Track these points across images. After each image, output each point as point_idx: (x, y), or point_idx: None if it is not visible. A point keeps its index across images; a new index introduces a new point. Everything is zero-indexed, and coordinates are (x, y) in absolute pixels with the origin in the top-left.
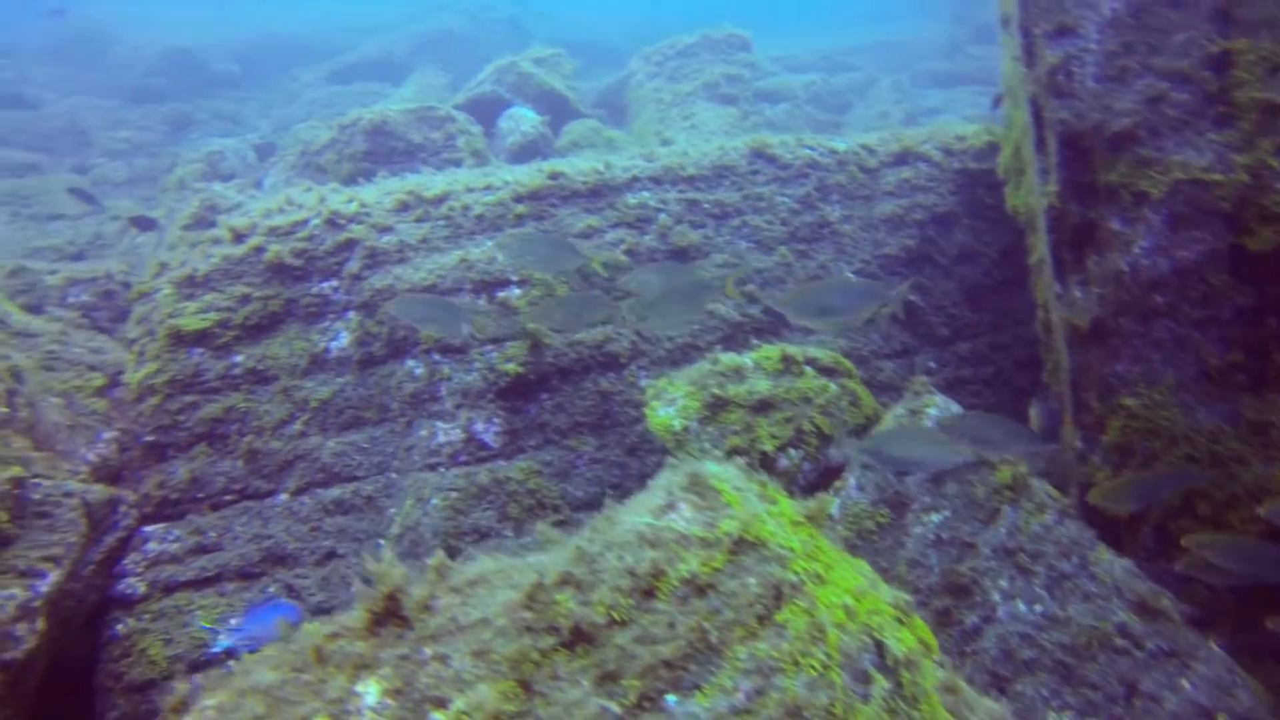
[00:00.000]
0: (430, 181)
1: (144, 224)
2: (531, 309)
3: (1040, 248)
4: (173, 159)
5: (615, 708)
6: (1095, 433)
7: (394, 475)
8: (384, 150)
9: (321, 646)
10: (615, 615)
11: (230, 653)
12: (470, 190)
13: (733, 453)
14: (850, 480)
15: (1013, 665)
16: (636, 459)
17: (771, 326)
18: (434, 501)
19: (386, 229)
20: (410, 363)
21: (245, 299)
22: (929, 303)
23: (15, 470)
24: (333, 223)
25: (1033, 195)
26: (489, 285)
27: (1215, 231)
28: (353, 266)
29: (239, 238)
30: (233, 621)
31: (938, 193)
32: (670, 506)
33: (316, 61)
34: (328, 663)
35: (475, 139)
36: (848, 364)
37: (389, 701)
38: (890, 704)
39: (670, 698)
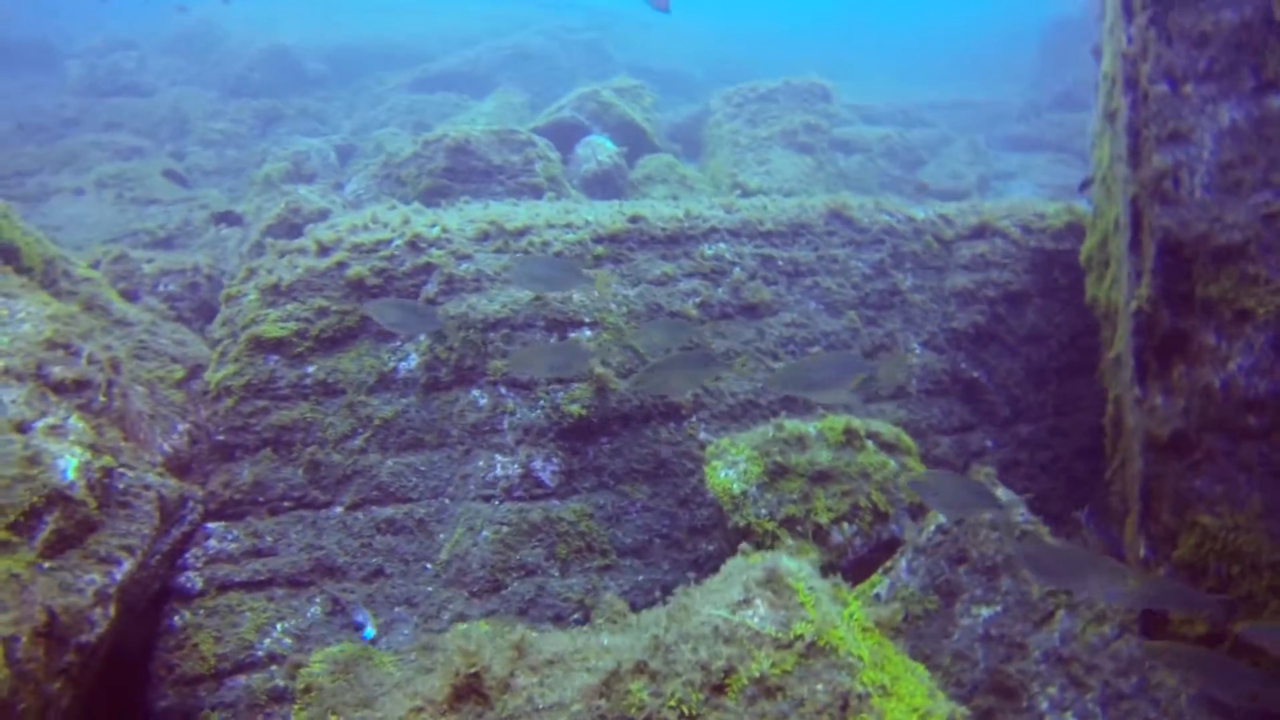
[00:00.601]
0: (513, 213)
1: (230, 219)
2: (514, 355)
3: (1119, 345)
4: (262, 155)
5: None
6: (1165, 545)
7: (447, 501)
8: (464, 169)
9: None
10: (685, 710)
11: (273, 657)
12: (551, 226)
13: (787, 521)
14: (902, 562)
15: None
16: (687, 510)
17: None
18: (485, 534)
19: (466, 256)
20: (475, 392)
21: (323, 312)
22: (992, 381)
23: (107, 460)
24: (414, 245)
25: (1115, 290)
26: (561, 324)
27: None
28: (430, 290)
29: (324, 251)
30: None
31: (1012, 270)
32: (747, 602)
33: (402, 68)
34: None
35: (553, 165)
36: (908, 441)
37: None
38: None
39: None
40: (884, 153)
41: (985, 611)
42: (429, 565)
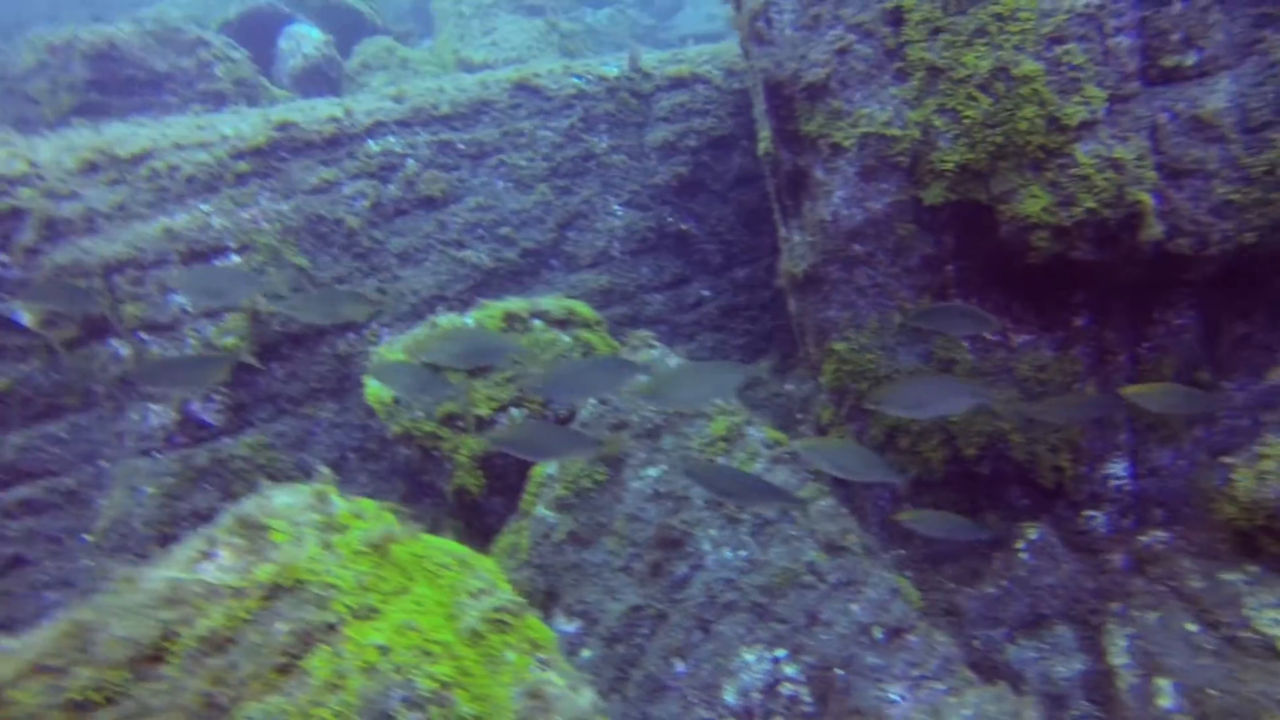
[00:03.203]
0: (130, 136)
1: None
2: (293, 300)
3: None
4: None
5: None
6: (818, 376)
7: (105, 464)
8: (116, 80)
9: None
10: (95, 697)
11: None
12: (180, 148)
13: (448, 420)
14: None
15: (715, 609)
16: (378, 419)
17: (531, 269)
18: (147, 490)
19: (69, 195)
20: (113, 343)
21: None
22: (704, 229)
23: None
24: None
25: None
26: (202, 255)
27: (899, 184)
28: (26, 238)
29: None
30: None
31: (715, 115)
32: (207, 555)
33: None
34: None
35: (239, 66)
36: (586, 312)
37: None
38: None
39: None
40: (636, 2)
41: (653, 472)
42: (87, 537)
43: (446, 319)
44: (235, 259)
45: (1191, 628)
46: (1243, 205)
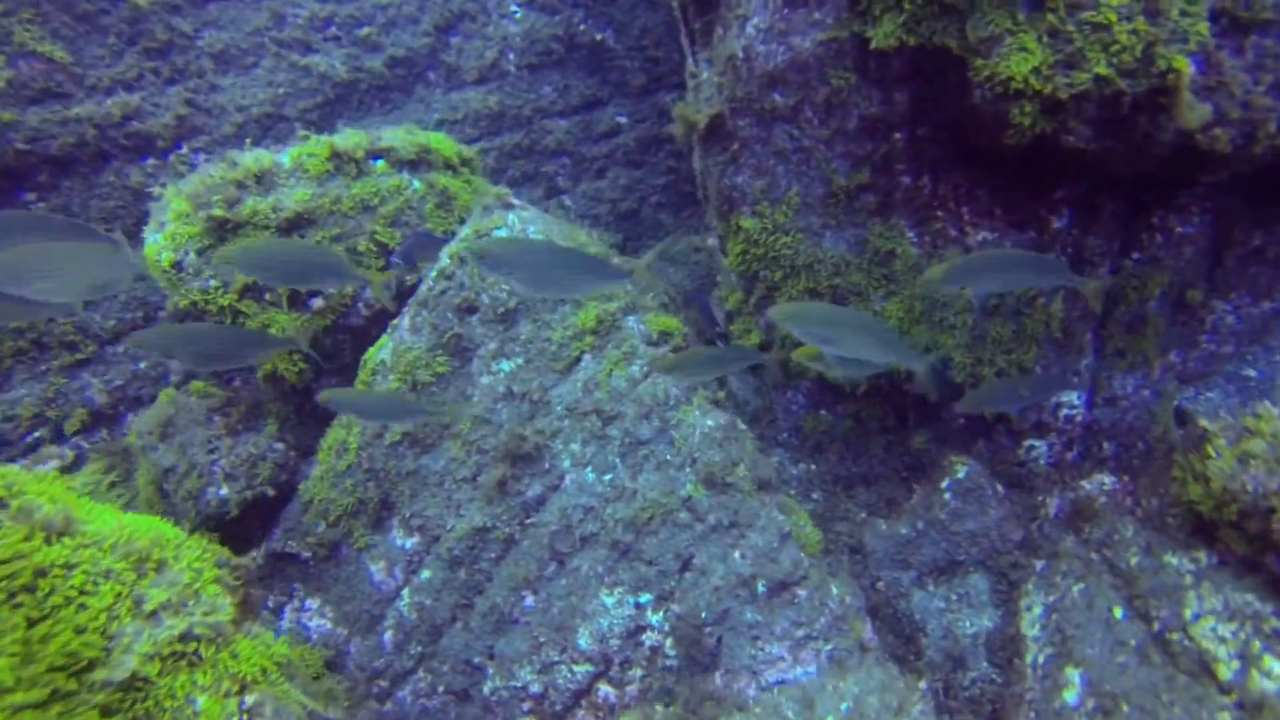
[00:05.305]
0: None
1: None
2: None
3: None
4: None
5: None
6: (722, 252)
7: None
8: None
9: None
10: None
11: None
12: None
13: (251, 290)
14: (404, 319)
15: (571, 540)
16: None
17: (401, 83)
18: None
19: None
20: None
21: None
22: (623, 41)
23: None
24: None
25: None
26: None
27: (837, 13)
28: None
29: None
30: None
31: None
32: None
33: None
34: None
35: None
36: (446, 149)
37: None
38: None
39: None
40: None
41: (506, 366)
42: None
43: (252, 155)
44: None
45: (1118, 613)
46: None
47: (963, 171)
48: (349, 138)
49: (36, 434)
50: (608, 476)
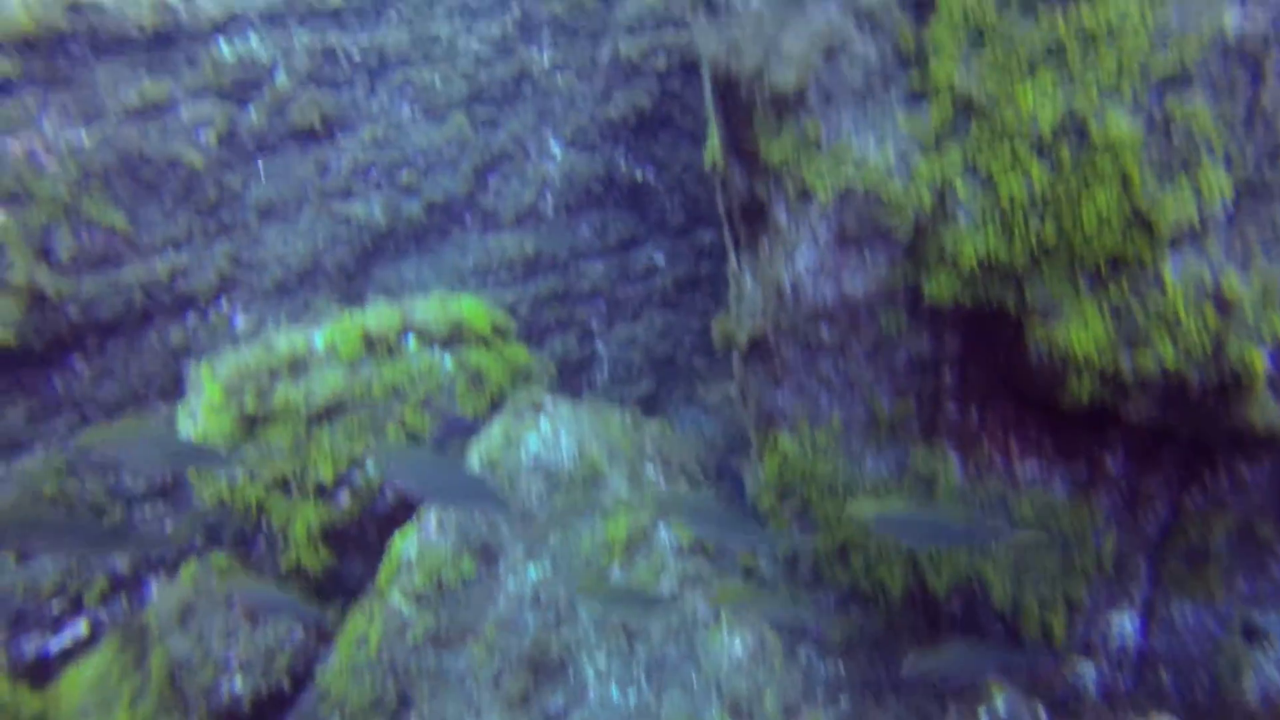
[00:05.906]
0: None
1: None
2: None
3: None
4: None
5: None
6: (759, 463)
7: None
8: None
9: None
10: None
11: None
12: None
13: (279, 485)
14: (430, 516)
15: None
16: None
17: (437, 228)
18: None
19: None
20: None
21: None
22: (663, 180)
23: None
24: None
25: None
26: None
27: (890, 261)
28: None
29: None
30: None
31: None
32: None
33: None
34: None
35: None
36: (479, 320)
37: None
38: None
39: None
40: None
41: (533, 572)
42: None
43: (286, 340)
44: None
45: None
46: None
47: (1012, 403)
48: (382, 317)
49: (56, 611)
50: (632, 693)
